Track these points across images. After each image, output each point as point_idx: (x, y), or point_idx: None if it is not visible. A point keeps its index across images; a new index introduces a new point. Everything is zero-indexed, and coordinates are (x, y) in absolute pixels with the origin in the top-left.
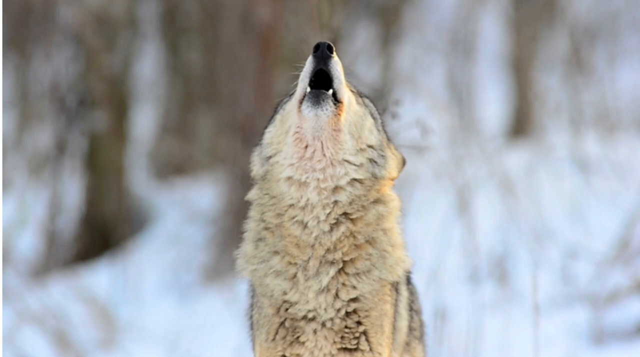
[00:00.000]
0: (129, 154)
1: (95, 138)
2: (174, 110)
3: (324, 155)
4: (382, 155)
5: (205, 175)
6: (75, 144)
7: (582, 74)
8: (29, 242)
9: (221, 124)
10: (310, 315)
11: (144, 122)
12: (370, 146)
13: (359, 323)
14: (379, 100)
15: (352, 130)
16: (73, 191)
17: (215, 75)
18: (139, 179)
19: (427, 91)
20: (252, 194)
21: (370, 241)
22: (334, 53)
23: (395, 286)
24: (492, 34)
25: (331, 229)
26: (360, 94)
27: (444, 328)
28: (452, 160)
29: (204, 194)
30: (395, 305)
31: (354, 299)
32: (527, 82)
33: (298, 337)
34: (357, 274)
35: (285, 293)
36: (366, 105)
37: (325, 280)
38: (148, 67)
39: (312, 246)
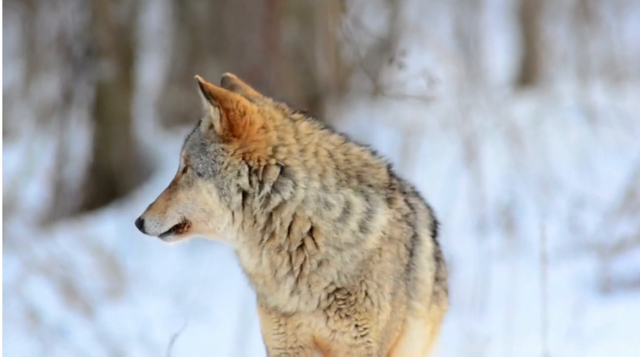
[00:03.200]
0: (135, 103)
1: (102, 88)
2: (181, 60)
3: (215, 239)
4: (227, 187)
5: None
6: (82, 94)
7: (589, 24)
8: (35, 192)
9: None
10: (294, 310)
11: (151, 71)
12: (220, 199)
13: (348, 294)
14: (386, 50)
15: (208, 211)
16: (80, 140)
17: (222, 25)
18: (146, 129)
19: (434, 41)
20: None
21: (312, 232)
22: (142, 224)
23: (401, 240)
24: None
25: (260, 261)
26: (187, 158)
27: (451, 277)
28: (459, 110)
29: None
30: (411, 257)
31: (332, 284)
32: (534, 31)
33: (291, 315)
34: (318, 268)
35: (265, 297)
36: (194, 173)
37: (287, 290)
38: (155, 17)
39: (258, 274)
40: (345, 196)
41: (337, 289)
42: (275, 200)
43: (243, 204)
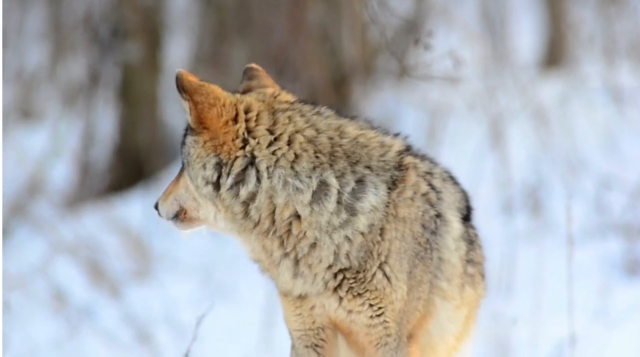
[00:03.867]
0: (162, 84)
1: (129, 69)
2: (207, 40)
3: (210, 230)
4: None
5: None
6: (108, 75)
7: (615, 4)
8: (62, 173)
9: (254, 54)
10: (304, 293)
11: (177, 52)
12: (207, 199)
13: (357, 272)
14: (412, 31)
15: (201, 203)
16: (106, 121)
17: (248, 6)
18: (172, 110)
19: (460, 22)
20: None
21: (293, 219)
22: (156, 209)
23: (416, 219)
24: None
25: (252, 248)
26: (182, 168)
27: None
28: (485, 91)
29: None
30: (434, 236)
31: (335, 264)
32: (561, 12)
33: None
34: (310, 252)
35: (275, 280)
36: (187, 175)
37: (287, 273)
38: None
39: (256, 260)
40: (321, 178)
41: (345, 269)
42: (243, 191)
43: (216, 195)
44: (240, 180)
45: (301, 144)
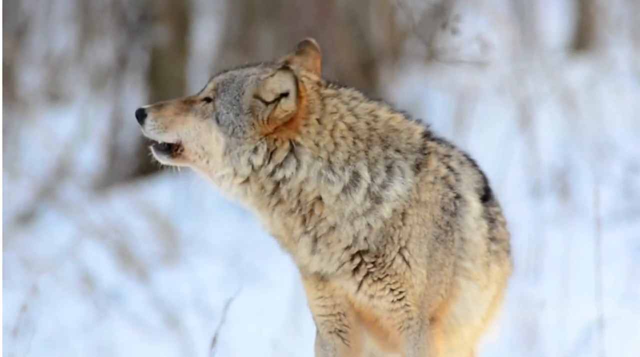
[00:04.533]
0: (190, 68)
1: (157, 52)
2: (236, 24)
3: (205, 177)
4: (237, 155)
5: None
6: (136, 58)
7: None
8: (90, 157)
9: (282, 38)
10: (322, 272)
11: (205, 36)
12: (224, 154)
13: (376, 256)
14: (439, 15)
15: (207, 150)
16: (135, 105)
17: None
18: None
19: (488, 6)
20: None
21: (317, 201)
22: (144, 115)
23: (436, 202)
24: None
25: (272, 220)
26: (215, 95)
27: None
28: (513, 75)
29: None
30: (453, 217)
31: (353, 246)
32: None
33: (327, 279)
34: (329, 232)
35: (294, 258)
36: (214, 110)
37: (305, 249)
38: None
39: (275, 234)
40: (354, 169)
41: (364, 251)
42: (279, 174)
43: (252, 171)
44: (280, 164)
45: (342, 132)
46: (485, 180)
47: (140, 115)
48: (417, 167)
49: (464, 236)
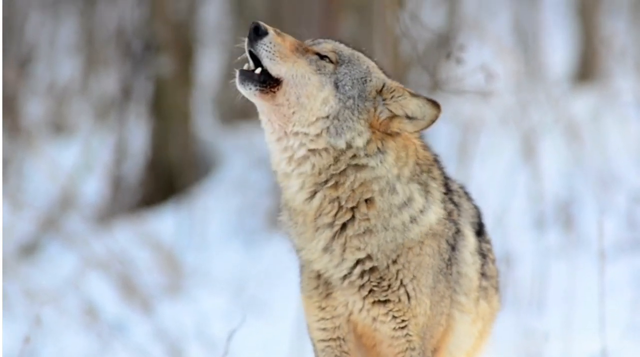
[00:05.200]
0: (194, 98)
1: (161, 83)
2: (239, 54)
3: (274, 127)
4: (340, 126)
5: None
6: (140, 89)
7: None
8: (94, 188)
9: None
10: (325, 273)
11: (209, 66)
12: (324, 117)
13: (381, 278)
14: (443, 45)
15: (302, 102)
16: (138, 135)
17: (280, 19)
18: (204, 124)
19: (493, 36)
20: None
21: (368, 202)
22: (263, 33)
23: (443, 235)
24: None
25: (310, 197)
26: (337, 60)
27: (509, 274)
28: (517, 105)
29: None
30: (453, 252)
31: (368, 258)
32: (593, 26)
33: (330, 292)
34: (358, 235)
35: (301, 250)
36: (334, 73)
37: (321, 243)
38: (213, 12)
39: (302, 211)
40: (411, 190)
41: (371, 269)
42: (362, 161)
43: (343, 147)
44: (368, 153)
45: (412, 152)
46: (479, 215)
47: (258, 31)
48: (443, 201)
49: (460, 270)
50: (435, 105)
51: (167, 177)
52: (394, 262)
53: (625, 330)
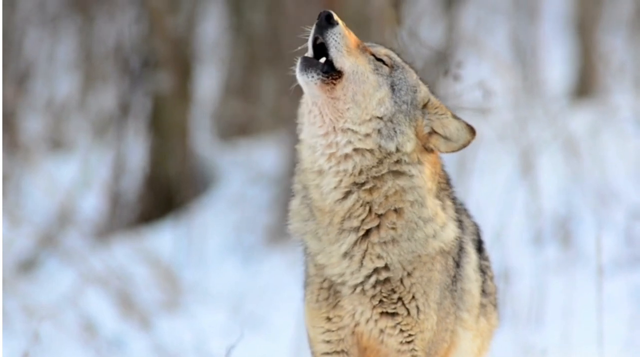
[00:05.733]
0: (192, 115)
1: (159, 99)
2: (238, 71)
3: (324, 121)
4: (393, 128)
5: (269, 136)
6: (139, 105)
7: None
8: (92, 204)
9: (284, 84)
10: (339, 280)
11: (208, 83)
12: (378, 117)
13: (393, 291)
14: (441, 62)
15: (357, 99)
16: (137, 152)
17: (278, 36)
18: (203, 140)
19: (491, 52)
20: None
21: (397, 211)
22: (335, 23)
23: (450, 252)
24: None
25: (344, 197)
26: (392, 64)
27: (507, 290)
28: (515, 121)
29: (267, 155)
30: (457, 268)
31: (384, 268)
32: (591, 43)
33: (339, 301)
34: (382, 243)
35: (317, 254)
36: (390, 76)
37: (344, 246)
38: (211, 28)
39: (330, 211)
40: (436, 206)
41: (385, 280)
42: (404, 168)
43: (391, 150)
44: (409, 162)
45: (439, 170)
46: (478, 231)
47: (330, 19)
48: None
49: (464, 287)
50: (472, 131)
51: (165, 193)
52: (409, 274)
53: (624, 346)
